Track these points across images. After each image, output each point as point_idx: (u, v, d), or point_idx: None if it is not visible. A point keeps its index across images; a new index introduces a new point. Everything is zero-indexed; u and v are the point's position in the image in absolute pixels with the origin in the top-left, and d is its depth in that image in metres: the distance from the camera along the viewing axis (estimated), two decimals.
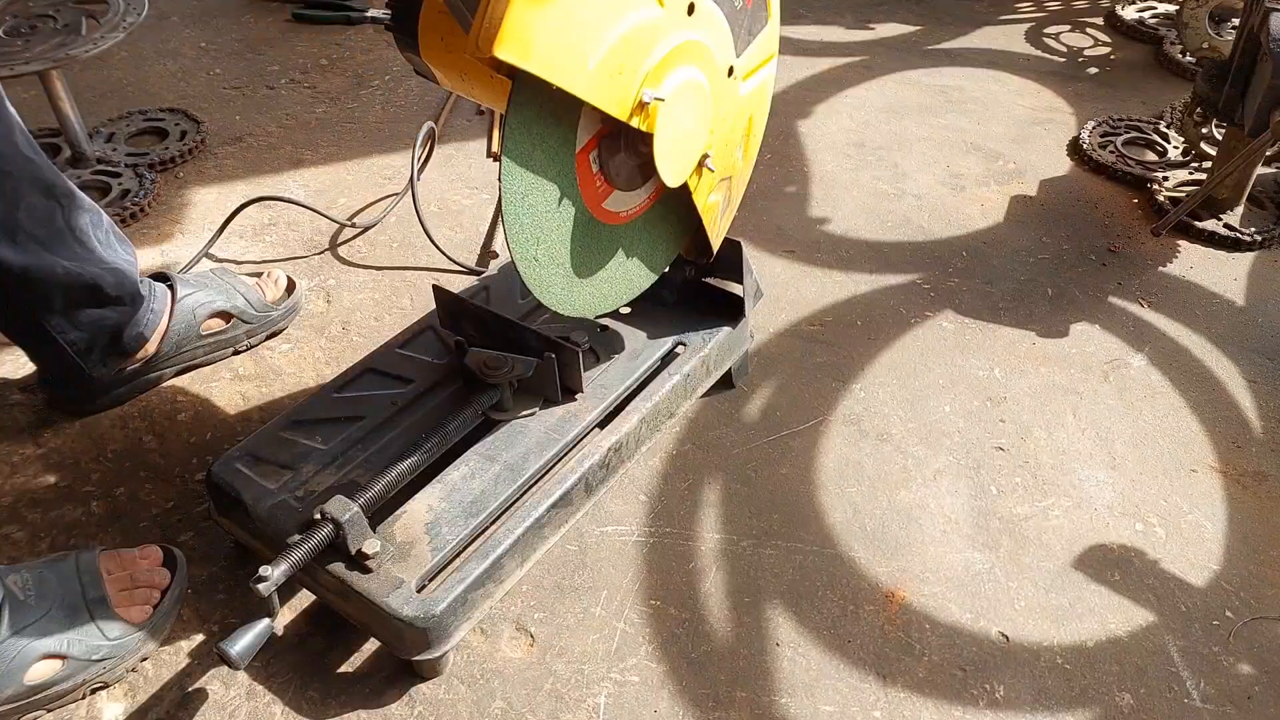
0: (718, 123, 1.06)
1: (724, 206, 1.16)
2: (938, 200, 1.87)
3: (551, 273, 1.03)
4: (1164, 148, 2.02)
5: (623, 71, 0.91)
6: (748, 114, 1.12)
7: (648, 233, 1.14)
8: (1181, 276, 1.67)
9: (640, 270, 1.16)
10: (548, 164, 0.95)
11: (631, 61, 0.91)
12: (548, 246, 1.00)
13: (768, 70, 1.12)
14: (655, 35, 0.92)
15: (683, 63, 0.97)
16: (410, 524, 1.00)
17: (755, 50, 1.07)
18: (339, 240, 1.68)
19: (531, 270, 1.00)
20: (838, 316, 1.55)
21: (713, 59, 1.00)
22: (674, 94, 0.96)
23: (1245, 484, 1.27)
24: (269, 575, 0.88)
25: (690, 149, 1.04)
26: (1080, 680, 1.03)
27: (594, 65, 0.87)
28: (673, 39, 0.94)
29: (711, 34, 0.99)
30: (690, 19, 0.95)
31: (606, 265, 1.10)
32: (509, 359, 1.11)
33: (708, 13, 0.98)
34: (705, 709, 0.99)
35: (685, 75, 0.97)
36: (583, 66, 0.87)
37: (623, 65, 0.90)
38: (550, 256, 1.01)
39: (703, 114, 1.02)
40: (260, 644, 0.91)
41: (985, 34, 2.61)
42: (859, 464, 1.28)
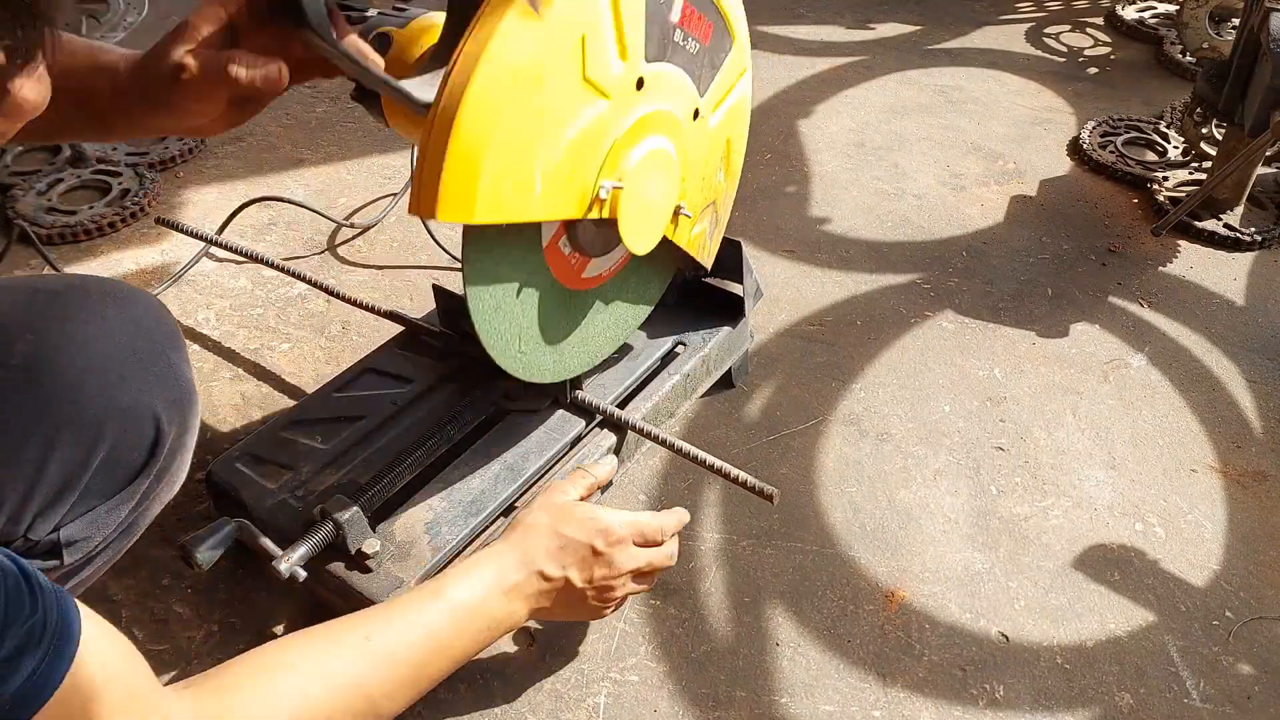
0: (689, 170, 1.01)
1: (712, 228, 1.13)
2: (938, 200, 1.87)
3: (539, 357, 1.02)
4: (1164, 148, 2.02)
5: (574, 176, 0.87)
6: (723, 139, 1.07)
7: (636, 275, 1.12)
8: (1181, 276, 1.67)
9: (635, 310, 1.16)
10: (515, 271, 0.93)
11: (583, 163, 0.87)
12: (530, 338, 0.99)
13: (740, 88, 1.06)
14: (605, 128, 0.87)
15: (639, 139, 0.91)
16: (410, 523, 1.00)
17: (722, 78, 1.01)
18: (339, 240, 1.68)
19: (518, 363, 0.99)
20: (838, 316, 1.55)
21: (673, 118, 0.95)
22: (633, 173, 0.91)
23: (1245, 484, 1.27)
24: (290, 556, 0.90)
25: (659, 214, 0.99)
26: (1080, 680, 1.03)
27: (541, 189, 0.84)
28: (625, 122, 0.89)
29: (668, 96, 0.93)
30: (641, 93, 0.89)
31: (598, 321, 1.10)
32: None
33: (660, 76, 0.91)
34: (705, 708, 0.99)
35: (644, 149, 0.92)
36: (529, 196, 0.83)
37: (573, 171, 0.87)
38: (535, 345, 1.00)
39: (669, 176, 0.97)
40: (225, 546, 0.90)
41: (985, 34, 2.61)
42: (859, 464, 1.28)
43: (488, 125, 0.77)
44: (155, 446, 0.76)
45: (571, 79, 0.82)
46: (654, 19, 0.87)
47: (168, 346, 0.79)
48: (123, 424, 0.72)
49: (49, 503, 0.69)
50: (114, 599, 1.08)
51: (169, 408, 0.76)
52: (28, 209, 1.68)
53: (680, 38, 0.92)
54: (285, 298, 1.55)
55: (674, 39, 0.91)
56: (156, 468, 0.77)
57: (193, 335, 1.47)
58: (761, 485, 1.03)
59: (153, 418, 0.75)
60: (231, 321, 1.50)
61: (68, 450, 0.70)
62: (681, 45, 0.92)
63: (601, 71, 0.84)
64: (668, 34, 0.90)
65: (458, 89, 0.75)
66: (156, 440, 0.76)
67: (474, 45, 0.76)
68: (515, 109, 0.78)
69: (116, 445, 0.73)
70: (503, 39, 0.75)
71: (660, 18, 0.88)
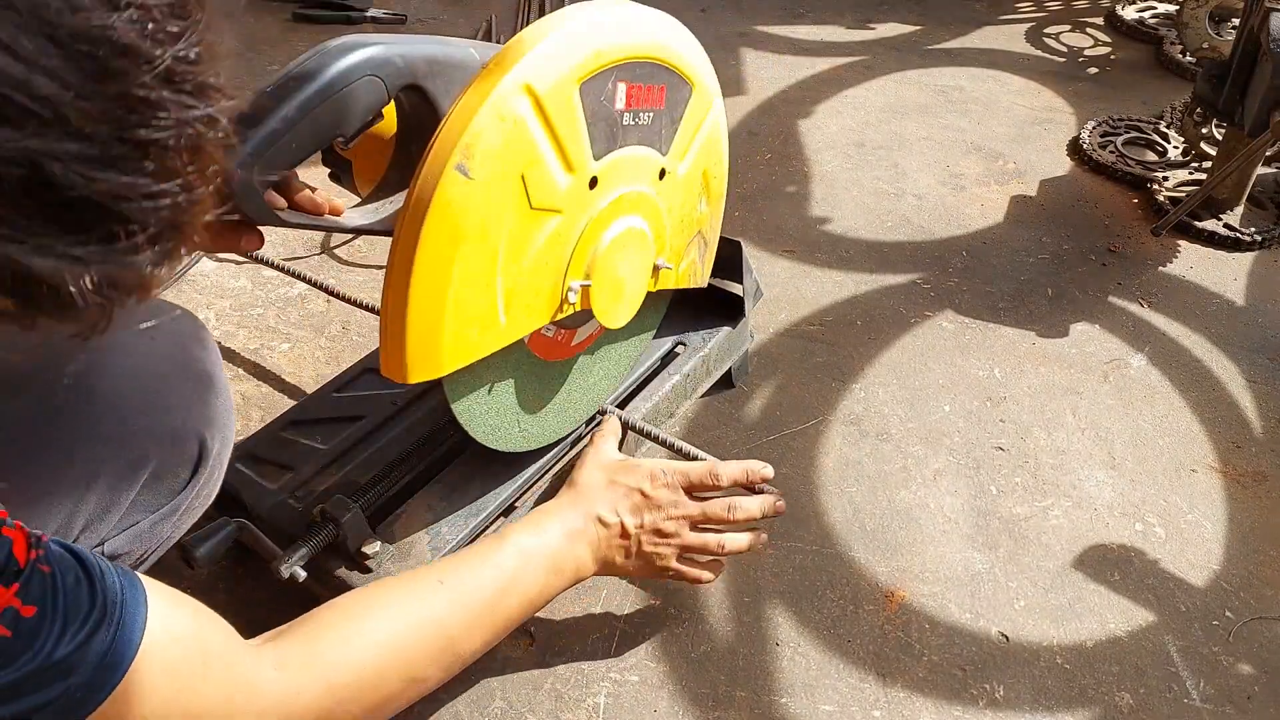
0: (664, 225, 1.00)
1: (702, 252, 1.12)
2: (938, 200, 1.87)
3: (538, 428, 1.04)
4: (1164, 148, 2.02)
5: (539, 290, 0.87)
6: (698, 175, 1.04)
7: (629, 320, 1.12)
8: (1181, 276, 1.67)
9: (632, 347, 1.16)
10: (500, 371, 0.94)
11: (547, 276, 0.87)
12: (526, 417, 1.01)
13: (709, 121, 1.01)
14: (563, 238, 0.87)
15: (603, 229, 0.91)
16: (410, 524, 1.00)
17: (685, 126, 0.97)
18: (338, 240, 1.68)
19: (523, 440, 1.02)
20: (838, 316, 1.55)
21: (637, 195, 0.93)
22: (600, 263, 0.91)
23: (1245, 484, 1.27)
24: (290, 557, 0.90)
25: (635, 286, 0.99)
26: (1080, 680, 1.03)
27: (506, 318, 0.85)
28: (582, 223, 0.88)
29: (626, 178, 0.91)
30: (596, 190, 0.88)
31: (595, 372, 1.10)
32: None
33: (614, 165, 0.89)
34: (705, 708, 0.99)
35: (609, 236, 0.91)
36: (494, 328, 0.84)
37: (538, 286, 0.87)
38: (532, 420, 1.02)
39: (642, 248, 0.97)
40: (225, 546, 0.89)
41: (985, 34, 2.61)
42: (859, 464, 1.28)
43: (440, 287, 0.78)
44: (199, 464, 0.78)
45: (519, 212, 0.82)
46: (597, 119, 0.85)
47: (209, 362, 0.80)
48: (169, 444, 0.74)
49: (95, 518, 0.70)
50: None
51: (210, 425, 0.78)
52: None
53: (630, 119, 0.89)
54: (285, 298, 1.55)
55: (623, 123, 0.88)
56: (199, 484, 0.79)
57: None
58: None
59: (197, 437, 0.77)
60: (231, 321, 1.50)
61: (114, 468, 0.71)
62: (633, 124, 0.90)
63: (548, 195, 0.83)
64: (615, 124, 0.88)
65: (405, 262, 0.76)
66: (200, 458, 0.77)
67: (413, 219, 0.76)
68: (465, 262, 0.79)
69: (162, 464, 0.74)
70: (439, 209, 0.76)
71: (604, 113, 0.86)
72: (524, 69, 0.77)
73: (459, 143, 0.75)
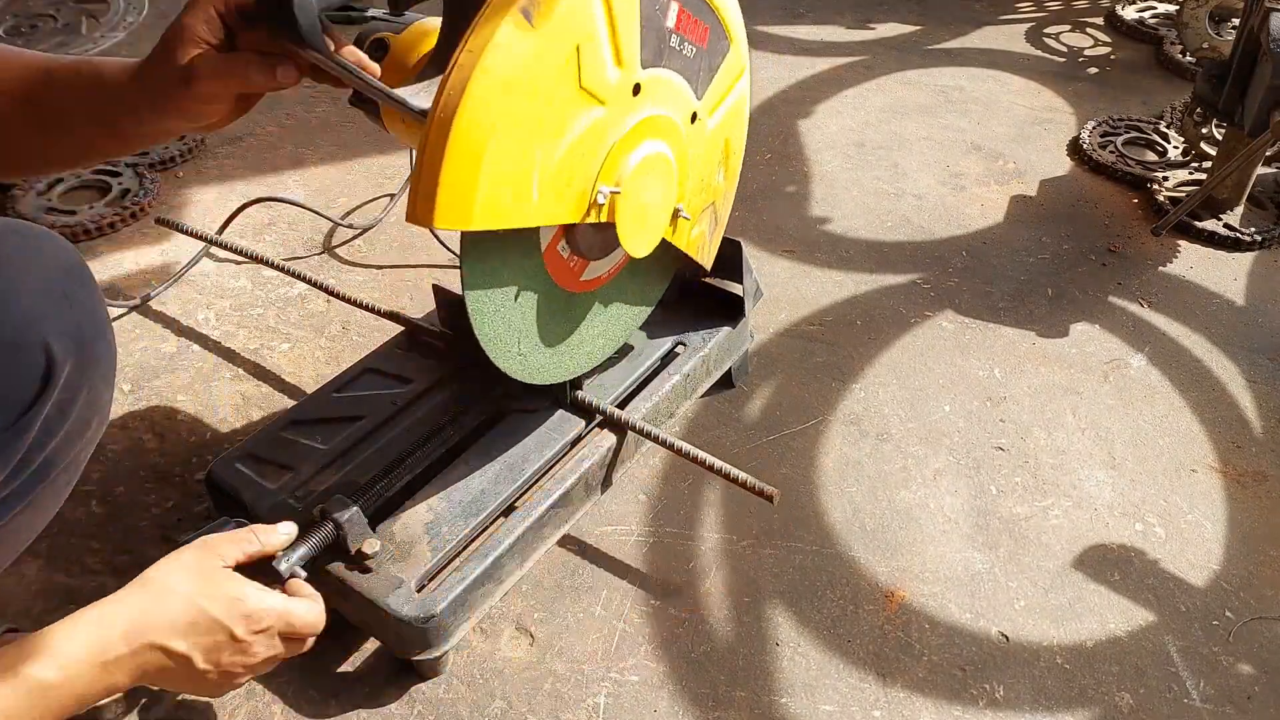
0: (687, 172, 1.02)
1: (712, 228, 1.14)
2: (938, 200, 1.87)
3: (539, 358, 1.03)
4: (1164, 148, 2.02)
5: (571, 182, 0.87)
6: (721, 140, 1.07)
7: (635, 279, 1.12)
8: (1181, 276, 1.67)
9: (634, 311, 1.16)
10: (514, 275, 0.93)
11: (580, 170, 0.88)
12: (529, 339, 0.99)
13: (739, 89, 1.06)
14: (601, 135, 0.88)
15: (637, 144, 0.92)
16: (410, 523, 1.00)
17: (720, 80, 1.01)
18: (339, 240, 1.68)
19: (519, 365, 0.99)
20: (838, 316, 1.55)
21: (670, 122, 0.95)
22: (631, 179, 0.92)
23: (1245, 484, 1.27)
24: (289, 556, 0.89)
25: (658, 217, 0.99)
26: (1080, 680, 1.03)
27: (538, 196, 0.84)
28: (622, 128, 0.89)
29: (665, 101, 0.93)
30: (638, 98, 0.90)
31: (597, 323, 1.10)
32: None
33: (656, 81, 0.91)
34: (705, 708, 0.99)
35: (641, 154, 0.92)
36: (526, 203, 0.84)
37: (570, 177, 0.87)
38: (534, 346, 1.00)
39: (668, 179, 0.98)
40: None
41: (985, 34, 2.61)
42: (859, 464, 1.28)
43: (484, 135, 0.77)
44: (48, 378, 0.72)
45: (568, 87, 0.82)
46: (649, 25, 0.87)
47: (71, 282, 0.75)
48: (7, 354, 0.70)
49: None
50: None
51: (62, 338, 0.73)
52: (28, 209, 1.68)
53: (676, 42, 0.92)
54: (285, 298, 1.55)
55: (670, 44, 0.91)
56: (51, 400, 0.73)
57: (193, 335, 1.47)
58: (761, 485, 1.03)
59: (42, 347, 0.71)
60: (231, 321, 1.50)
61: None
62: (677, 50, 0.92)
63: (597, 79, 0.84)
64: (663, 39, 0.90)
65: (453, 99, 0.76)
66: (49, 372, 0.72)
67: (469, 56, 0.76)
68: (511, 118, 0.78)
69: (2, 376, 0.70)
70: (498, 50, 0.76)
71: (655, 24, 0.88)
72: None
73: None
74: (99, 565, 1.12)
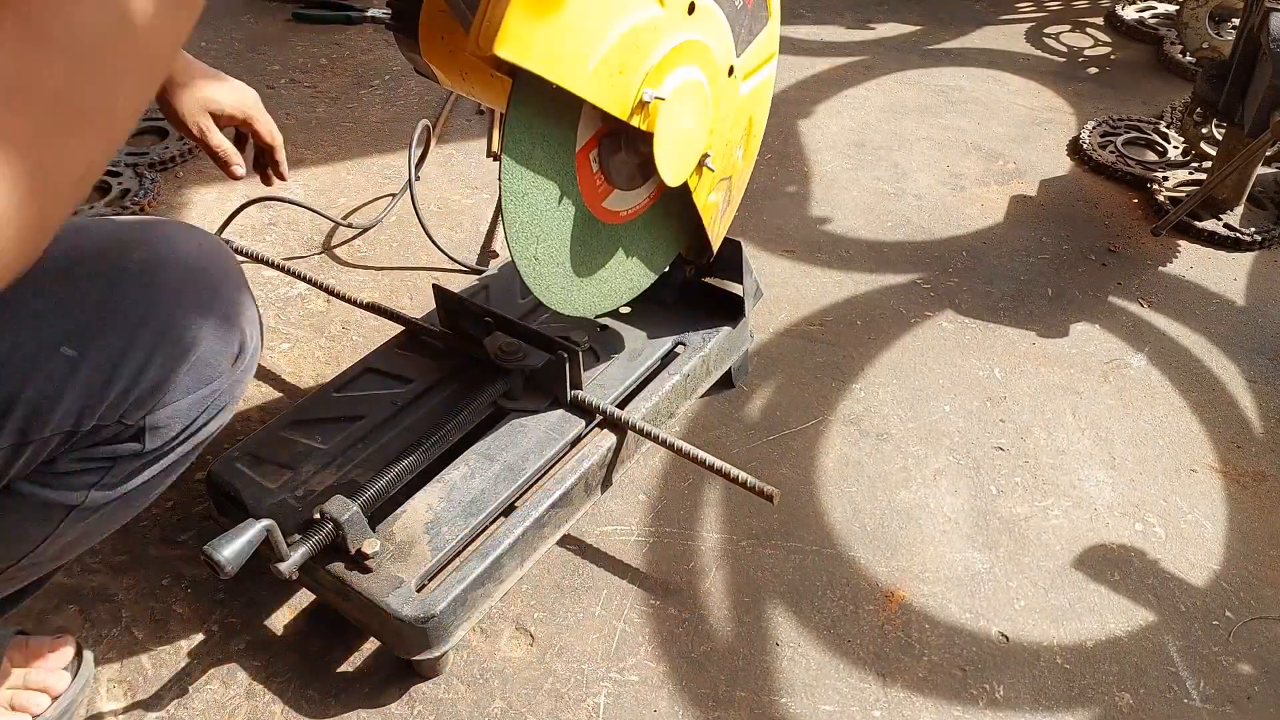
0: (718, 122, 1.06)
1: (724, 206, 1.16)
2: (938, 200, 1.87)
3: (551, 272, 1.02)
4: (1164, 148, 2.02)
5: (623, 71, 0.91)
6: (748, 114, 1.12)
7: (648, 232, 1.14)
8: (1181, 276, 1.67)
9: (640, 269, 1.16)
10: (548, 163, 0.95)
11: (632, 61, 0.91)
12: (547, 245, 1.00)
13: (768, 70, 1.12)
14: (656, 35, 0.92)
15: (683, 62, 0.96)
16: (410, 523, 1.00)
17: (755, 50, 1.07)
18: (339, 240, 1.68)
19: (531, 269, 1.00)
20: (838, 316, 1.55)
21: (713, 59, 1.00)
22: (674, 93, 0.96)
23: (1245, 484, 1.27)
24: (288, 557, 0.89)
25: (690, 149, 1.04)
26: (1080, 680, 1.03)
27: (594, 65, 0.87)
28: (673, 38, 0.94)
29: (712, 34, 0.99)
30: (690, 18, 0.95)
31: (606, 265, 1.10)
32: (525, 347, 1.11)
33: (708, 12, 0.97)
34: (705, 708, 0.99)
35: (685, 75, 0.97)
36: (583, 66, 0.86)
37: (623, 64, 0.90)
38: (550, 256, 1.01)
39: (703, 114, 1.02)
40: (252, 550, 0.86)
41: (985, 34, 2.61)
42: (859, 464, 1.28)
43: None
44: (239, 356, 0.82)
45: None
46: None
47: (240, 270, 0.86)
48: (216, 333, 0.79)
49: (147, 392, 0.75)
50: (114, 599, 1.08)
51: (251, 325, 0.84)
52: None
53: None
54: (285, 298, 1.55)
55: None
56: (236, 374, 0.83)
57: None
58: (761, 485, 1.03)
59: (239, 331, 0.81)
60: None
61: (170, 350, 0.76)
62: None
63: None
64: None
65: None
66: (240, 351, 0.82)
67: None
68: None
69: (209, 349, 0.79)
70: None
71: None
72: None
73: None
74: (99, 565, 1.12)
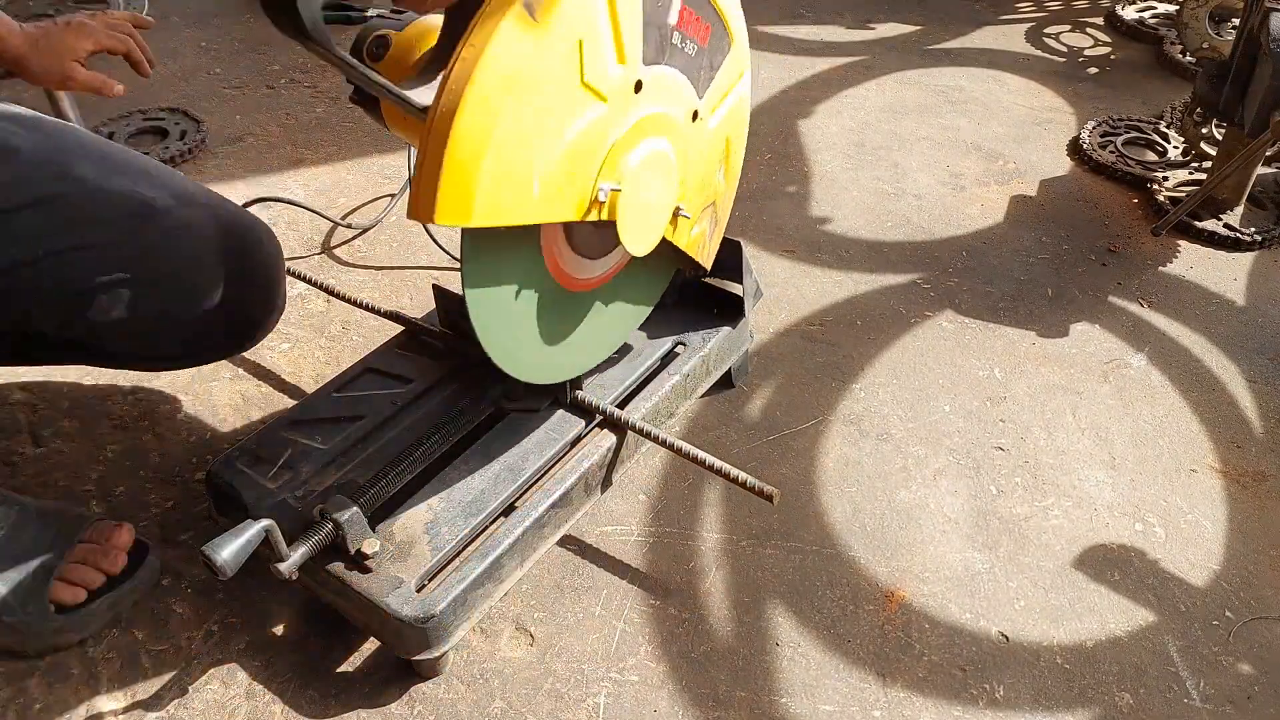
0: (687, 172, 1.01)
1: (711, 229, 1.13)
2: (938, 200, 1.87)
3: (536, 357, 1.02)
4: (1164, 148, 2.02)
5: (572, 179, 0.87)
6: (722, 139, 1.07)
7: (633, 279, 1.12)
8: (1181, 276, 1.67)
9: (632, 311, 1.16)
10: (514, 272, 0.93)
11: (581, 166, 0.87)
12: (528, 338, 0.99)
13: (739, 89, 1.06)
14: (603, 131, 0.88)
15: (639, 141, 0.92)
16: (410, 523, 1.00)
17: (721, 80, 1.01)
18: (339, 240, 1.68)
19: (516, 363, 0.99)
20: (838, 316, 1.55)
21: (672, 120, 0.95)
22: (632, 176, 0.91)
23: (1245, 484, 1.27)
24: (288, 557, 0.89)
25: (659, 215, 0.99)
26: (1080, 680, 1.03)
27: (539, 191, 0.84)
28: (623, 125, 0.89)
29: (666, 98, 0.94)
30: (640, 95, 0.90)
31: (594, 323, 1.10)
32: None
33: (658, 79, 0.91)
34: (705, 708, 0.99)
35: (643, 151, 0.92)
36: (527, 198, 0.84)
37: (571, 174, 0.87)
38: (532, 345, 1.00)
39: (669, 178, 0.98)
40: (251, 550, 0.85)
41: (985, 34, 2.61)
42: (859, 464, 1.28)
43: (485, 129, 0.77)
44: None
45: (570, 83, 0.82)
46: (651, 21, 0.87)
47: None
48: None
49: None
50: None
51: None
52: None
53: (678, 40, 0.92)
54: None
55: (672, 41, 0.91)
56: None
57: None
58: (761, 485, 1.03)
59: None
60: None
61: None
62: (679, 47, 0.92)
63: (599, 75, 0.84)
64: (665, 36, 0.90)
65: (455, 94, 0.76)
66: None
67: (471, 51, 0.76)
68: (513, 113, 0.78)
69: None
70: (500, 44, 0.76)
71: (658, 20, 0.88)
72: None
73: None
74: None
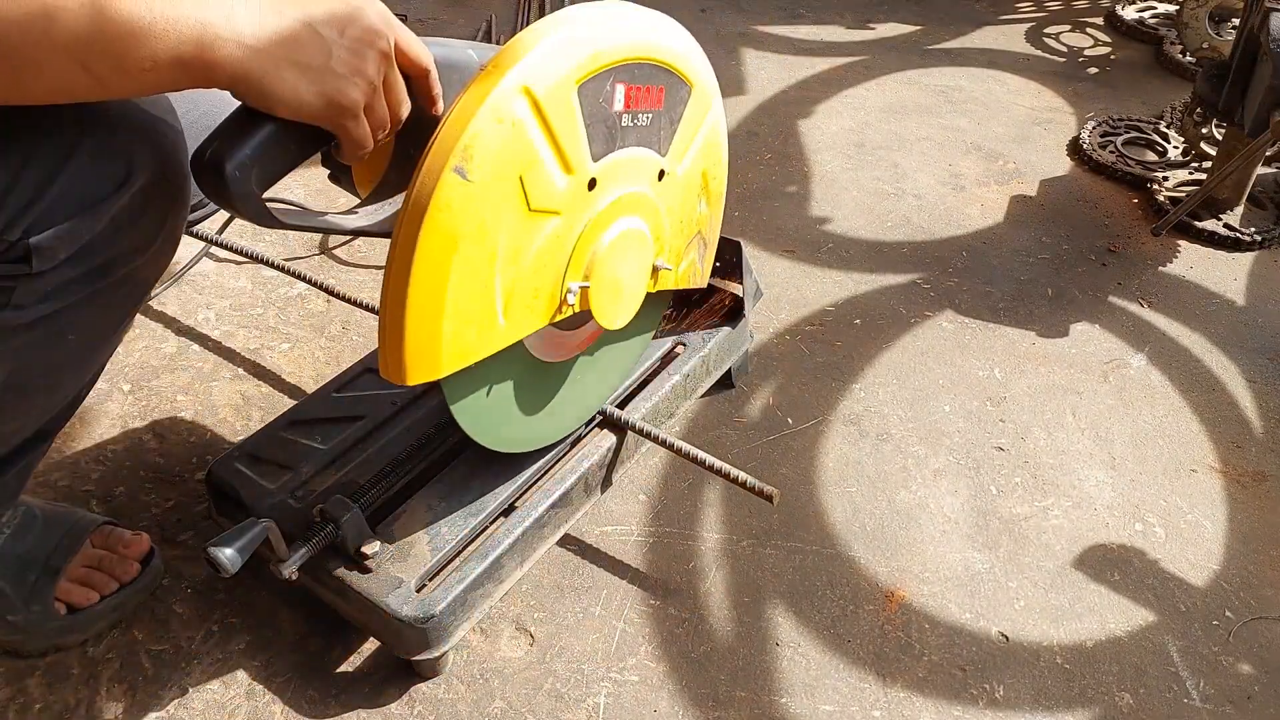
0: (662, 228, 0.99)
1: (701, 253, 1.12)
2: (938, 200, 1.87)
3: (538, 430, 1.04)
4: (1164, 148, 2.02)
5: (538, 291, 0.87)
6: (698, 175, 1.03)
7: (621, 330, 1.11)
8: (1181, 276, 1.67)
9: (629, 349, 1.15)
10: (497, 371, 0.94)
11: (545, 279, 0.87)
12: (524, 421, 1.01)
13: (709, 119, 1.00)
14: (562, 239, 0.87)
15: (602, 230, 0.90)
16: (410, 523, 1.00)
17: (685, 127, 0.97)
18: (339, 240, 1.68)
19: (520, 444, 1.02)
20: (838, 316, 1.55)
21: (636, 196, 0.93)
22: (599, 265, 0.91)
23: (1245, 484, 1.27)
24: (288, 557, 0.89)
25: (635, 285, 0.98)
26: (1080, 680, 1.03)
27: (505, 319, 0.85)
28: (580, 225, 0.88)
29: (626, 178, 0.91)
30: (594, 192, 0.88)
31: (592, 375, 1.10)
32: None
33: (612, 167, 0.88)
34: (705, 708, 0.99)
35: (610, 236, 0.91)
36: (493, 329, 0.84)
37: (537, 289, 0.87)
38: (531, 424, 1.02)
39: (641, 249, 0.96)
40: (252, 550, 0.85)
41: (985, 34, 2.61)
42: (859, 464, 1.28)
43: (437, 292, 0.78)
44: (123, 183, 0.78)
45: (518, 214, 0.82)
46: (595, 119, 0.84)
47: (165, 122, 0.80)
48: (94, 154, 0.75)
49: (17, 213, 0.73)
50: None
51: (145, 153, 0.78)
52: None
53: (628, 120, 0.89)
54: (285, 298, 1.55)
55: (621, 125, 0.88)
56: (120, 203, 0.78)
57: (193, 335, 1.47)
58: (761, 485, 1.03)
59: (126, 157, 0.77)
60: (231, 321, 1.50)
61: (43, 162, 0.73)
62: (632, 125, 0.89)
63: (547, 196, 0.83)
64: (613, 125, 0.87)
65: (403, 266, 0.76)
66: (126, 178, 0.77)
67: (411, 222, 0.76)
68: (463, 267, 0.79)
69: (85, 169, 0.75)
70: (439, 213, 0.76)
71: (602, 115, 0.85)
72: (522, 71, 0.77)
73: (457, 145, 0.75)
74: None
